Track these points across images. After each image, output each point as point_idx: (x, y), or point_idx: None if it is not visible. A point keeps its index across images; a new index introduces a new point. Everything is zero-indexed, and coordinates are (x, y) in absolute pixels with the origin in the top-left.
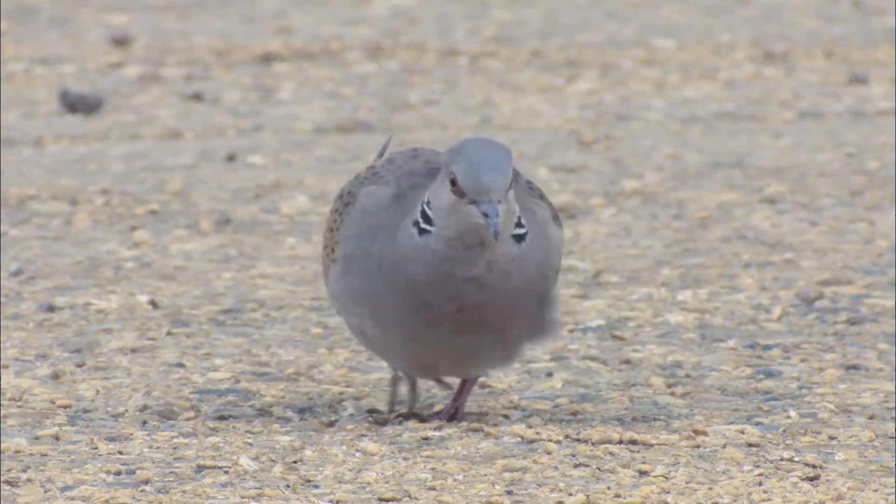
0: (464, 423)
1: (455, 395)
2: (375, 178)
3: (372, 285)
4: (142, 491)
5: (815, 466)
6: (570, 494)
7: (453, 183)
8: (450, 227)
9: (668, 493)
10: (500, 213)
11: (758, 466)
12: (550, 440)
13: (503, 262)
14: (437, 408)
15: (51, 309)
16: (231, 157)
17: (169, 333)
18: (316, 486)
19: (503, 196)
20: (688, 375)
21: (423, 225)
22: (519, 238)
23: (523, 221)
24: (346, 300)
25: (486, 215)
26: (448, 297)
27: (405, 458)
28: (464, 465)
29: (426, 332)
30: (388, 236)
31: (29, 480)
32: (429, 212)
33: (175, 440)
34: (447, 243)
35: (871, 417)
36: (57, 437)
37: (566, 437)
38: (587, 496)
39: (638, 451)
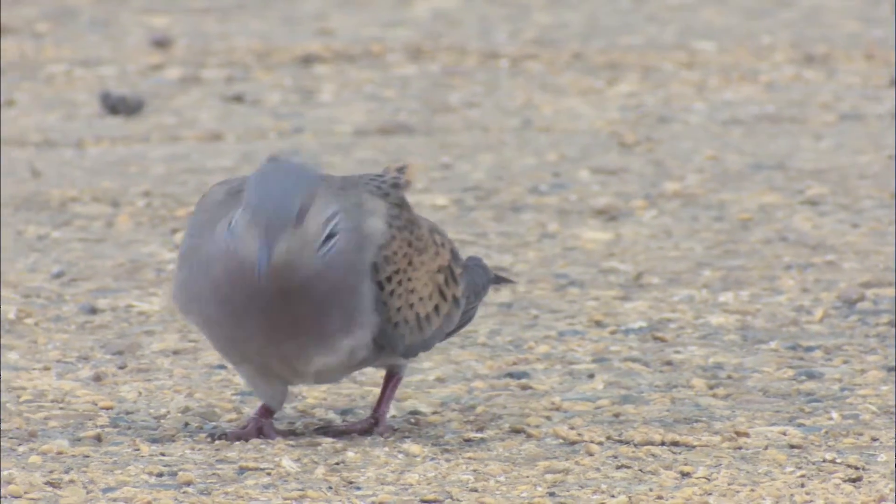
0: (505, 425)
1: (375, 404)
2: (225, 181)
3: (197, 282)
4: (184, 492)
5: (857, 468)
6: (613, 496)
7: (245, 208)
8: (238, 245)
9: (710, 494)
10: (272, 254)
11: (800, 468)
12: (592, 442)
13: (308, 276)
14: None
15: (93, 311)
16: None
17: None
18: (358, 488)
19: (283, 234)
20: (729, 377)
21: (227, 234)
22: (329, 246)
23: (335, 229)
24: (182, 302)
25: (258, 251)
26: (252, 304)
27: (447, 460)
28: (506, 467)
29: (241, 331)
30: (209, 234)
31: (71, 482)
32: (233, 223)
33: (217, 442)
34: (237, 260)
35: None
36: (99, 439)
37: (608, 438)
38: (629, 498)
39: (680, 453)
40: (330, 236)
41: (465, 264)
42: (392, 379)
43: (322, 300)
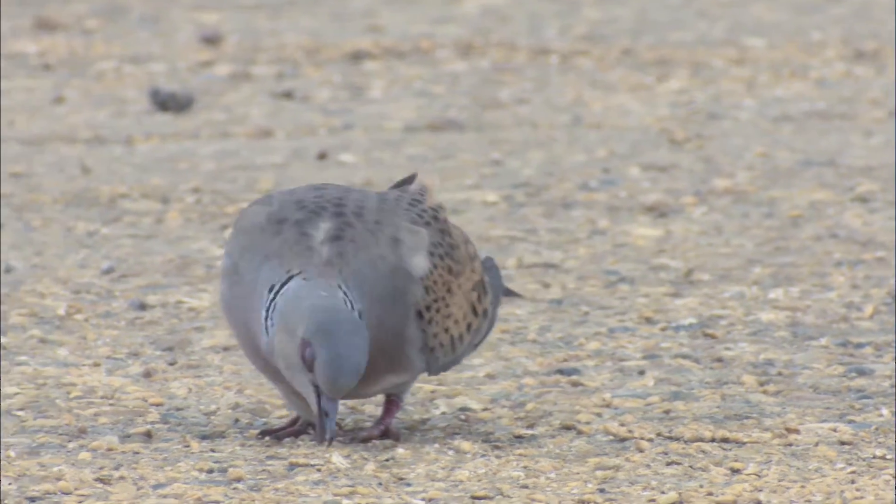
0: (555, 422)
1: (381, 415)
2: (260, 200)
3: (241, 307)
4: (234, 489)
5: None
6: (663, 492)
7: (307, 358)
8: (284, 370)
9: (761, 491)
10: (337, 410)
11: (850, 464)
12: (643, 438)
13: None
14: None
15: (142, 307)
16: (322, 156)
17: None
18: (408, 484)
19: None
20: (780, 373)
21: (263, 322)
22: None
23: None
24: (226, 315)
25: (325, 413)
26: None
27: (497, 457)
28: (556, 464)
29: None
30: (247, 271)
31: (121, 478)
32: (269, 328)
33: (267, 438)
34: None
35: None
36: (149, 435)
37: (658, 435)
38: (679, 494)
39: (730, 450)
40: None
41: (485, 267)
42: (393, 403)
43: (378, 365)
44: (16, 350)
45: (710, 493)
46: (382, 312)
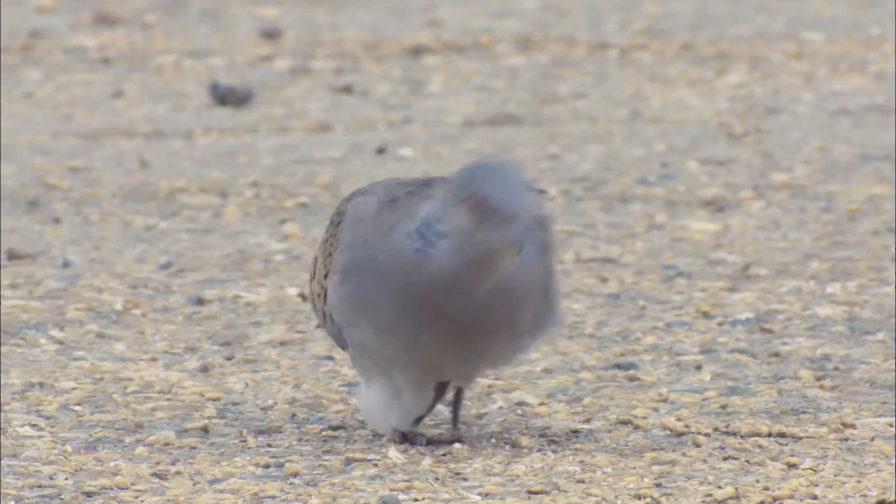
0: (612, 417)
1: (453, 420)
2: (359, 192)
3: (369, 292)
4: (290, 484)
5: None
6: (719, 487)
7: (476, 206)
8: (468, 250)
9: (817, 486)
10: (528, 236)
11: None
12: (699, 433)
13: (509, 276)
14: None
15: (200, 302)
16: (381, 150)
17: (318, 326)
18: (465, 479)
19: (529, 220)
20: (836, 368)
21: (424, 240)
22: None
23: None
24: (346, 311)
25: (515, 241)
26: (444, 313)
27: (554, 451)
28: (612, 458)
29: (427, 337)
30: (380, 243)
31: (178, 473)
32: (431, 234)
33: (324, 433)
34: (458, 266)
35: None
36: (206, 430)
37: (715, 429)
38: (736, 489)
39: (786, 444)
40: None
41: None
42: (460, 392)
43: (523, 298)
44: (73, 345)
45: (766, 488)
46: (534, 264)
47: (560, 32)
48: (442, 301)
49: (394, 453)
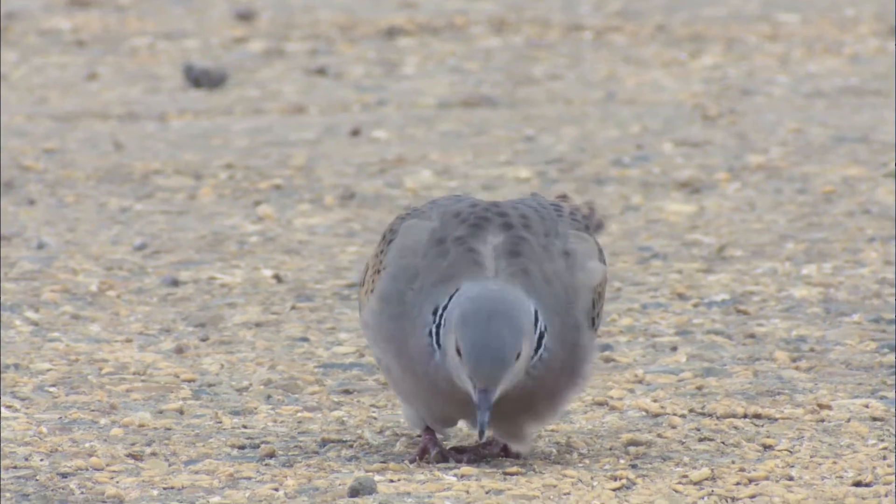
0: (588, 398)
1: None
2: (416, 214)
3: (397, 340)
4: (266, 465)
5: None
6: (695, 468)
7: (458, 352)
8: (453, 375)
9: (793, 467)
10: (493, 400)
11: (882, 440)
12: (675, 414)
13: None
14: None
15: (175, 283)
16: (355, 132)
17: (293, 308)
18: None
19: (502, 381)
20: (812, 350)
21: (431, 341)
22: (538, 349)
23: (540, 327)
24: (378, 337)
25: (478, 406)
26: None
27: None
28: (588, 439)
29: (443, 409)
30: (413, 305)
31: (153, 454)
32: (438, 337)
33: (299, 414)
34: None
35: None
36: (181, 412)
37: (691, 411)
38: (711, 470)
39: (762, 426)
40: (540, 337)
41: None
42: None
43: (546, 391)
44: (48, 326)
45: (742, 469)
46: (561, 326)
47: (534, 14)
48: (451, 396)
49: (369, 434)
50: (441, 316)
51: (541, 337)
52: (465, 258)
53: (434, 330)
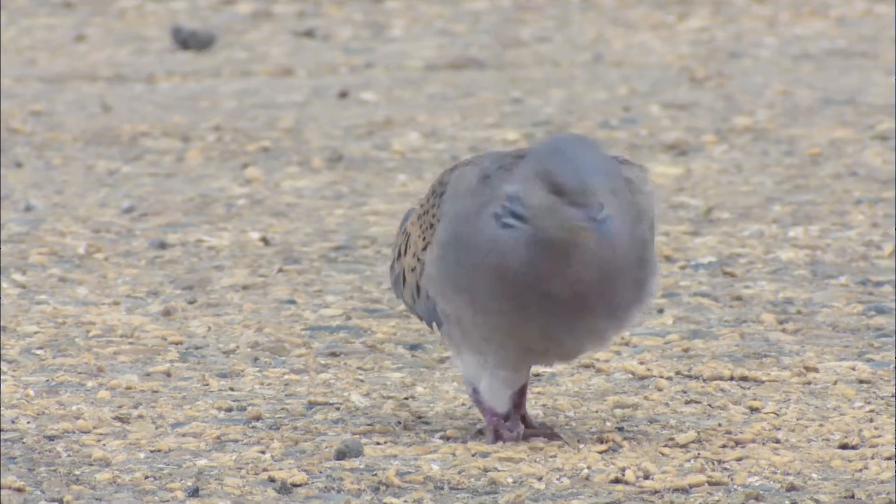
0: (574, 361)
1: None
2: (463, 163)
3: (470, 270)
4: (253, 427)
5: None
6: (682, 431)
7: (553, 184)
8: (548, 228)
9: (779, 429)
10: (605, 214)
11: (869, 403)
12: (661, 377)
13: (598, 253)
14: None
15: (162, 246)
16: (343, 94)
17: (280, 270)
18: (427, 423)
19: (606, 196)
20: (799, 312)
21: (507, 220)
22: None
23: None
24: (445, 287)
25: (593, 219)
26: (540, 292)
27: None
28: (575, 402)
29: (530, 316)
30: (474, 223)
31: (140, 417)
32: (518, 208)
33: (286, 377)
34: (543, 243)
35: None
36: (168, 374)
37: (677, 373)
38: (698, 433)
39: (749, 388)
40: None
41: None
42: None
43: (618, 273)
44: (36, 289)
45: (728, 432)
46: (629, 237)
47: None
48: (534, 280)
49: (356, 397)
50: (509, 191)
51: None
52: (506, 174)
53: (501, 212)
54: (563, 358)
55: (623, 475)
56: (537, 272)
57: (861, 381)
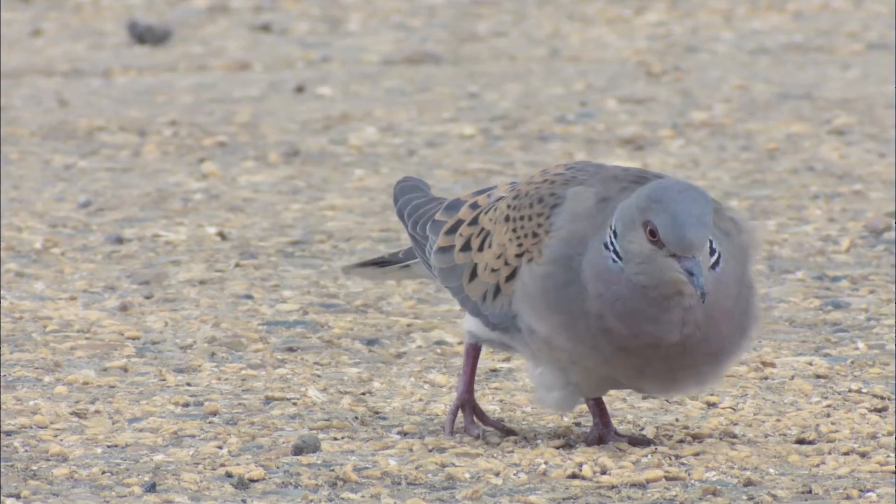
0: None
1: (598, 416)
2: (577, 181)
3: (572, 297)
4: (210, 422)
5: (883, 398)
6: (640, 427)
7: (652, 234)
8: (645, 274)
9: (737, 424)
10: (702, 268)
11: (826, 398)
12: None
13: (699, 308)
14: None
15: (119, 241)
16: (299, 89)
17: (237, 265)
18: (384, 418)
19: (704, 246)
20: None
21: (612, 256)
22: (714, 265)
23: (715, 246)
24: (541, 306)
25: (690, 273)
26: (644, 340)
27: (474, 390)
28: (532, 397)
29: (628, 358)
30: (591, 250)
31: (97, 412)
32: (618, 248)
33: (243, 372)
34: (640, 290)
35: None
36: (125, 369)
37: None
38: (656, 428)
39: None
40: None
41: None
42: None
43: (722, 320)
44: None
45: (685, 427)
46: (736, 280)
47: None
48: (639, 324)
49: (313, 392)
50: (613, 226)
51: (712, 251)
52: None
53: (610, 240)
54: (658, 393)
55: (580, 470)
56: (639, 314)
57: (818, 376)
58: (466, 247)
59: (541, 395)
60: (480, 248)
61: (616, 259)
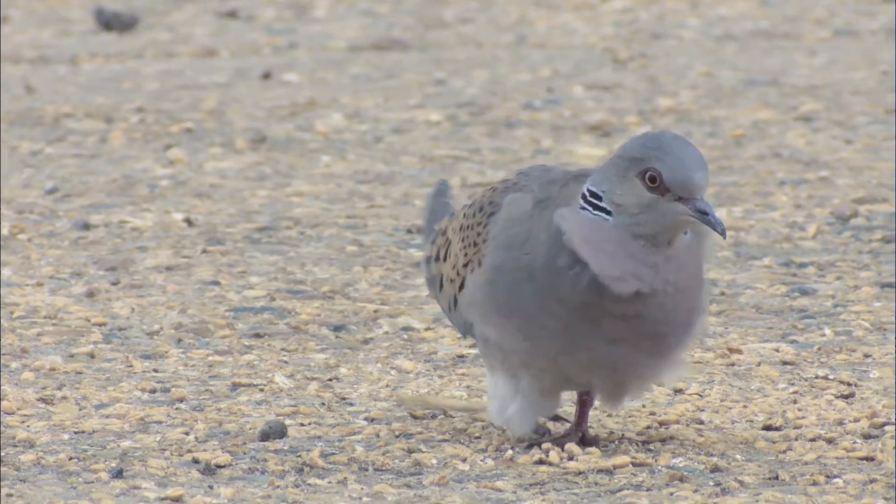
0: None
1: (575, 420)
2: (516, 188)
3: (522, 297)
4: (177, 409)
5: (849, 384)
6: (608, 414)
7: (653, 180)
8: (642, 224)
9: (703, 410)
10: (712, 208)
11: (792, 384)
12: None
13: (675, 263)
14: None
15: (86, 227)
16: (266, 75)
17: (204, 251)
18: (351, 404)
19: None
20: (722, 293)
21: (601, 215)
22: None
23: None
24: (489, 311)
25: (703, 213)
26: (593, 318)
27: (440, 376)
28: (487, 414)
29: (580, 343)
30: (536, 245)
31: (64, 398)
32: (606, 205)
33: (210, 358)
34: (630, 237)
35: None
36: (92, 355)
37: None
38: (624, 415)
39: None
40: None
41: None
42: (587, 404)
43: (683, 296)
44: None
45: (652, 413)
46: (696, 254)
47: None
48: (588, 307)
49: (280, 378)
50: (588, 191)
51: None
52: (577, 185)
53: (588, 202)
54: (603, 392)
55: (547, 456)
56: (592, 299)
57: (785, 363)
58: (437, 257)
59: (497, 409)
60: (445, 259)
61: (606, 216)
